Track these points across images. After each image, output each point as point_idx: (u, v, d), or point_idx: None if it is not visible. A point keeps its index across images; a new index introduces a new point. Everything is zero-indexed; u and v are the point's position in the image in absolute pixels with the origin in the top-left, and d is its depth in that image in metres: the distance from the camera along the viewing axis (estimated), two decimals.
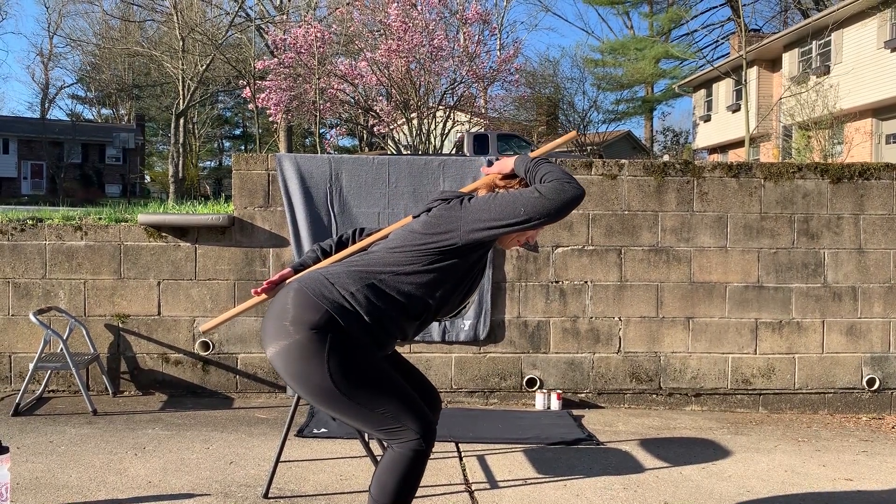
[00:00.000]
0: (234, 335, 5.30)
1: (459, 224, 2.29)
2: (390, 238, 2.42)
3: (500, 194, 2.32)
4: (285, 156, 5.35)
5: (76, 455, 3.83)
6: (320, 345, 2.19)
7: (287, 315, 2.24)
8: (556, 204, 2.23)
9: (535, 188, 2.27)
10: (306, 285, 2.28)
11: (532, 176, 2.36)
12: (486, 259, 2.46)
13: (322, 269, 2.39)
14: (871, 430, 5.05)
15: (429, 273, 2.29)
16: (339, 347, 2.21)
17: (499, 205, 2.27)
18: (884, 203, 5.46)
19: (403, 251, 2.32)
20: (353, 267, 2.33)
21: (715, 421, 5.11)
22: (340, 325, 2.21)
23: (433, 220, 2.34)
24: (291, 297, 2.26)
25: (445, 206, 2.35)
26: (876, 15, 17.71)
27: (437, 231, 2.31)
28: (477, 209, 2.30)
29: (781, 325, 5.44)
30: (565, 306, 5.36)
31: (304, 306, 2.22)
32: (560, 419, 4.92)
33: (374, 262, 2.33)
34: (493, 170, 2.53)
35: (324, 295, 2.24)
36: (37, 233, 5.26)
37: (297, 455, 3.93)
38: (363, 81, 16.05)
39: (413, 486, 2.29)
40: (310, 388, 2.23)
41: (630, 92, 32.83)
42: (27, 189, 41.41)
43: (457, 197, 2.39)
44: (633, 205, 5.39)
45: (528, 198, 2.24)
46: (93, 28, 41.12)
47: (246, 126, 48.35)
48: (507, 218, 2.24)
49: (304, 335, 2.20)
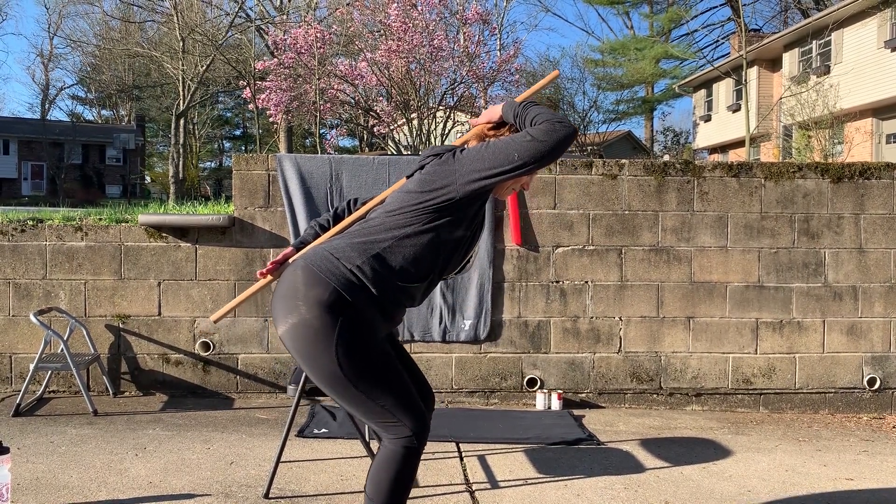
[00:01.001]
0: (235, 335, 5.30)
1: (455, 177, 2.26)
2: (387, 202, 2.39)
3: (492, 142, 2.30)
4: (286, 156, 5.35)
5: (77, 455, 3.83)
6: (330, 328, 2.18)
7: (297, 293, 2.22)
8: (548, 145, 2.21)
9: (526, 132, 2.25)
10: (312, 262, 2.25)
11: (522, 120, 2.32)
12: (485, 211, 2.45)
13: (325, 244, 2.35)
14: (871, 430, 5.05)
15: (430, 232, 2.27)
16: (349, 332, 2.19)
17: (492, 153, 2.25)
18: (884, 202, 5.46)
19: (402, 213, 2.29)
20: (355, 239, 2.30)
21: (716, 421, 5.11)
22: (349, 301, 2.20)
23: (427, 176, 2.31)
24: (299, 276, 2.24)
25: (438, 162, 2.32)
26: (876, 15, 17.71)
27: (434, 187, 2.27)
28: (471, 160, 2.27)
29: (782, 324, 5.44)
30: (566, 306, 5.36)
31: (312, 284, 2.21)
32: (561, 419, 4.92)
33: (374, 230, 2.30)
34: (481, 120, 2.49)
35: (330, 271, 2.22)
36: (37, 233, 5.26)
37: (297, 455, 3.93)
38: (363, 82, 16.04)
39: (407, 484, 2.29)
40: (316, 369, 2.22)
41: (630, 92, 32.87)
42: (27, 190, 41.43)
43: (448, 150, 2.36)
44: (633, 205, 5.39)
45: (521, 142, 2.22)
46: (93, 29, 41.16)
47: (246, 126, 48.36)
48: (502, 165, 2.22)
49: (314, 314, 2.18)
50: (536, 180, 5.32)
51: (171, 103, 34.31)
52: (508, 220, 5.31)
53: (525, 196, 5.32)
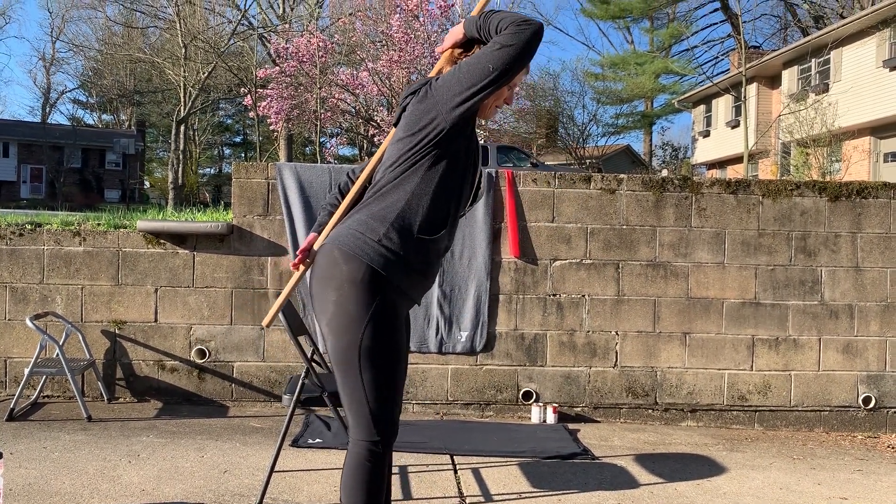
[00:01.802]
0: (230, 343, 5.29)
1: (438, 108, 2.24)
2: (385, 157, 2.38)
3: (464, 62, 2.28)
4: (285, 165, 5.36)
5: (70, 462, 3.82)
6: (366, 307, 2.19)
7: (332, 275, 2.22)
8: (519, 47, 2.17)
9: (493, 41, 2.21)
10: (342, 243, 2.25)
11: (486, 32, 2.27)
12: (476, 138, 2.42)
13: (347, 221, 2.33)
14: (866, 449, 5.05)
15: (435, 171, 2.26)
16: (381, 314, 2.20)
17: (467, 71, 2.22)
18: (881, 222, 5.48)
19: (402, 162, 2.28)
20: (372, 207, 2.28)
21: (710, 437, 5.11)
22: (384, 276, 2.20)
23: (412, 117, 2.29)
24: (332, 258, 2.24)
25: (417, 99, 2.30)
26: (875, 34, 17.81)
27: (421, 125, 2.26)
28: (448, 85, 2.24)
29: (778, 341, 5.44)
30: (562, 319, 5.37)
31: (346, 264, 2.21)
32: (556, 433, 4.91)
33: (385, 192, 2.28)
34: (446, 45, 2.45)
35: (360, 248, 2.21)
36: (35, 238, 5.26)
37: (291, 465, 3.92)
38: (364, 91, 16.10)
39: (379, 486, 2.27)
40: (338, 340, 2.22)
41: (630, 106, 33.00)
42: (26, 193, 41.42)
43: (423, 84, 2.34)
44: (631, 219, 5.40)
45: (492, 52, 2.19)
46: (96, 34, 41.26)
47: (246, 133, 48.43)
48: (480, 80, 2.20)
49: (351, 293, 2.19)
50: (535, 193, 5.34)
51: (172, 109, 34.38)
52: (507, 232, 5.33)
53: (524, 209, 5.34)
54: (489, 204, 5.29)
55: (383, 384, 2.23)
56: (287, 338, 5.13)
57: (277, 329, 5.23)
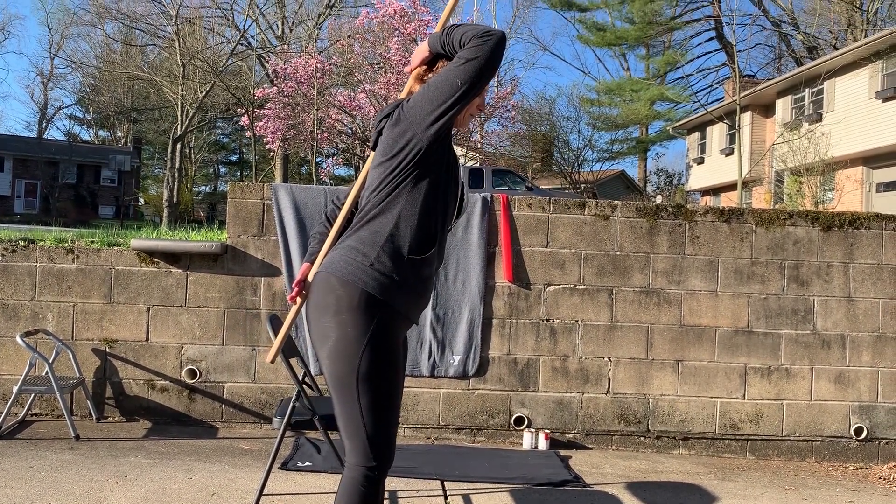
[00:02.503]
0: (222, 364, 5.26)
1: (413, 128, 2.27)
2: (368, 182, 2.40)
3: (432, 80, 2.30)
4: (281, 185, 5.37)
5: (56, 482, 3.78)
6: (363, 330, 2.21)
7: (328, 302, 2.24)
8: (484, 59, 2.21)
9: (458, 56, 2.25)
10: (335, 269, 2.27)
11: (450, 47, 2.31)
12: (454, 151, 2.45)
13: (338, 248, 2.35)
14: (857, 480, 5.03)
15: (417, 191, 2.29)
16: (378, 337, 2.22)
17: (436, 89, 2.25)
18: (873, 252, 5.51)
19: (385, 186, 2.30)
20: (361, 232, 2.31)
21: (702, 466, 5.09)
22: (379, 300, 2.22)
23: (388, 141, 2.32)
24: (327, 285, 2.26)
25: (391, 123, 2.33)
26: (867, 66, 18.02)
27: (399, 148, 2.29)
28: (420, 105, 2.27)
29: (770, 370, 5.44)
30: (555, 345, 5.36)
31: (341, 290, 2.23)
32: (547, 459, 4.89)
33: (372, 216, 2.31)
34: (414, 63, 2.47)
35: (353, 273, 2.24)
36: (28, 254, 5.24)
37: (280, 488, 3.89)
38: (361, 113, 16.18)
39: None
40: (336, 363, 2.23)
41: (625, 132, 33.21)
42: (20, 208, 41.31)
43: (395, 106, 2.36)
44: (625, 246, 5.42)
45: (458, 68, 2.23)
46: (94, 51, 41.40)
47: (242, 152, 48.53)
48: (450, 96, 2.23)
49: (349, 319, 2.21)
50: (530, 218, 5.36)
51: (169, 127, 34.46)
52: (501, 257, 5.33)
53: (518, 233, 5.35)
54: (483, 228, 5.31)
55: (380, 408, 2.24)
56: (278, 359, 5.11)
57: (269, 350, 5.20)
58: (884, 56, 17.55)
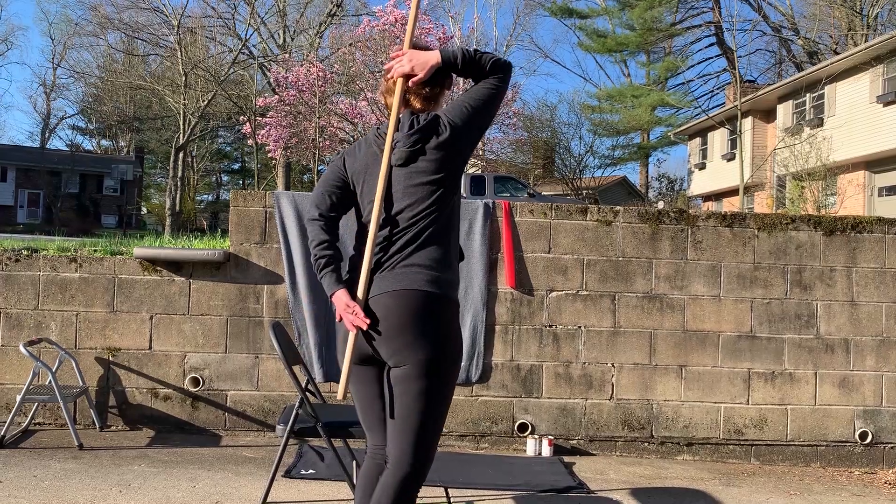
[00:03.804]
0: (225, 372, 5.26)
1: (464, 149, 2.46)
2: (400, 197, 2.39)
3: (476, 102, 2.45)
4: (283, 193, 5.38)
5: (59, 490, 3.78)
6: (457, 340, 2.39)
7: (424, 318, 2.30)
8: (507, 83, 2.52)
9: (493, 81, 2.47)
10: (405, 284, 2.32)
11: (475, 69, 2.46)
12: None
13: (395, 263, 2.36)
14: (863, 485, 5.01)
15: (456, 204, 2.49)
16: (459, 337, 2.41)
17: (483, 110, 2.47)
18: (876, 256, 5.50)
19: (438, 202, 2.39)
20: (427, 250, 2.37)
21: (706, 471, 5.07)
22: (451, 299, 2.36)
23: (442, 155, 2.40)
24: (403, 301, 2.30)
25: (438, 142, 2.40)
26: (868, 70, 18.03)
27: (450, 161, 2.41)
28: (469, 127, 2.45)
29: (774, 375, 5.43)
30: (558, 351, 5.35)
31: (435, 303, 2.32)
32: (551, 466, 4.87)
33: (433, 232, 2.38)
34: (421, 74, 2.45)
35: (440, 286, 2.34)
36: (31, 263, 5.25)
37: (283, 496, 3.88)
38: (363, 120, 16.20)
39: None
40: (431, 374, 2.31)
41: (626, 138, 33.22)
42: (23, 217, 41.39)
43: (432, 124, 2.42)
44: (627, 251, 5.42)
45: (497, 93, 2.48)
46: (97, 61, 41.53)
47: (245, 161, 48.59)
48: (491, 115, 2.51)
49: (448, 331, 2.35)
50: (532, 224, 5.36)
51: (171, 136, 34.55)
52: (503, 263, 5.33)
53: (520, 239, 5.35)
54: (486, 234, 5.31)
55: (445, 414, 2.41)
56: (281, 367, 5.11)
57: (272, 358, 5.21)
58: (884, 60, 17.56)
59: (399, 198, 2.39)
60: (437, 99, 2.54)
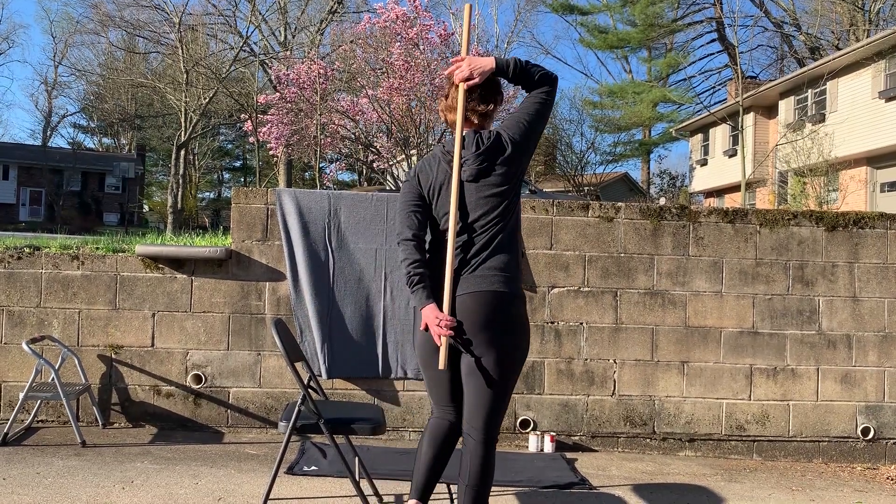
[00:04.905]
0: (227, 369, 5.27)
1: (520, 155, 2.78)
2: (473, 208, 2.74)
3: (529, 115, 2.78)
4: (284, 190, 5.38)
5: (62, 488, 3.79)
6: (524, 324, 2.82)
7: (510, 313, 2.74)
8: (555, 95, 2.86)
9: (544, 95, 2.80)
10: (476, 286, 2.70)
11: (526, 79, 2.79)
12: None
13: (473, 267, 2.73)
14: (865, 481, 5.01)
15: (518, 202, 2.86)
16: (524, 328, 2.82)
17: (537, 122, 2.79)
18: (878, 252, 5.50)
19: (506, 209, 2.75)
20: (499, 256, 2.74)
21: (709, 467, 5.08)
22: (517, 296, 2.75)
23: (506, 170, 2.74)
24: (478, 305, 2.69)
25: (503, 157, 2.73)
26: (870, 66, 18.00)
27: (514, 177, 2.77)
28: (527, 141, 2.78)
29: (776, 371, 5.43)
30: (560, 347, 5.36)
31: (514, 299, 2.74)
32: (553, 462, 4.88)
33: (504, 237, 2.75)
34: (479, 77, 2.78)
35: (516, 286, 2.75)
36: (33, 261, 5.26)
37: (286, 493, 3.89)
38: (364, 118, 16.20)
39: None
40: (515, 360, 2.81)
41: (628, 134, 33.23)
42: (25, 215, 41.45)
43: (496, 143, 2.74)
44: (629, 247, 5.41)
45: (547, 105, 2.82)
46: (98, 59, 41.60)
47: (246, 158, 48.63)
48: (544, 124, 2.84)
49: (525, 322, 2.82)
50: (533, 220, 5.36)
51: (173, 134, 34.57)
52: None
53: (522, 236, 5.35)
54: None
55: (512, 390, 2.88)
56: (283, 364, 5.12)
57: (274, 355, 5.21)
58: (886, 56, 17.52)
59: (472, 208, 2.74)
60: (492, 115, 2.88)
